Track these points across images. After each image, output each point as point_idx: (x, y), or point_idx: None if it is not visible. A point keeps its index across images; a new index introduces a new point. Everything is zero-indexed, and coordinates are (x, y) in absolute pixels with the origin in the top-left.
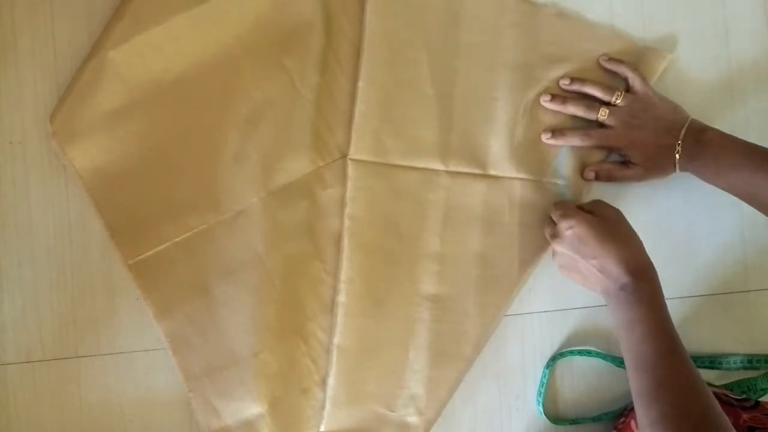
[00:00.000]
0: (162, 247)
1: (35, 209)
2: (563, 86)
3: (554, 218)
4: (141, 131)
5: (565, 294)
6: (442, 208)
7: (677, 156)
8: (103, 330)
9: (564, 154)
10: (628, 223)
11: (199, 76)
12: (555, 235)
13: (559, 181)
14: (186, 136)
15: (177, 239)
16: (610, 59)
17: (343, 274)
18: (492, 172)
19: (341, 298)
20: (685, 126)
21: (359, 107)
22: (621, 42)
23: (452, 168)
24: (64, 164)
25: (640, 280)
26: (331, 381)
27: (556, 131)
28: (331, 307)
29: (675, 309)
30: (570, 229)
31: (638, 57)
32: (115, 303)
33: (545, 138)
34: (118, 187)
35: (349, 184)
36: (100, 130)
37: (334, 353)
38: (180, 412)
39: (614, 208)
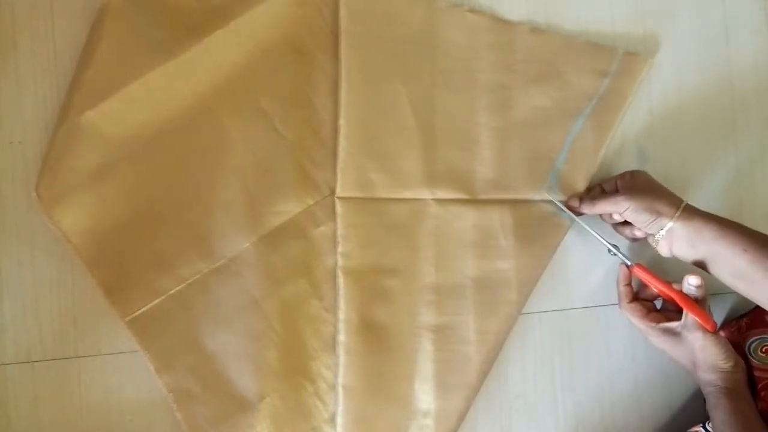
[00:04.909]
0: (157, 301)
1: (35, 209)
2: (576, 208)
3: (633, 322)
4: (126, 187)
5: (565, 294)
6: (434, 237)
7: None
8: (103, 330)
9: (556, 170)
10: (701, 341)
11: (178, 127)
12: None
13: (554, 198)
14: (172, 187)
15: (172, 291)
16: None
17: (341, 314)
18: (480, 196)
19: (341, 337)
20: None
21: (342, 145)
22: (599, 51)
23: (440, 196)
24: (52, 228)
25: (713, 390)
26: (339, 420)
27: (584, 200)
28: (334, 344)
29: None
30: (660, 350)
31: (619, 64)
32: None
33: (575, 206)
34: (107, 245)
35: (339, 222)
36: (85, 190)
37: (341, 393)
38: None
39: (691, 327)
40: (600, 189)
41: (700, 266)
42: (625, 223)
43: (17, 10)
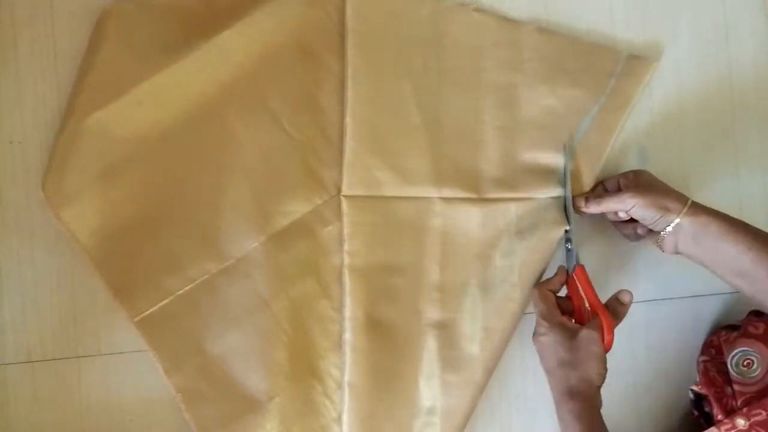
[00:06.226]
0: (166, 301)
1: (35, 209)
2: (582, 208)
3: (536, 308)
4: (134, 188)
5: None
6: (440, 235)
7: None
8: (103, 330)
9: (563, 169)
10: (595, 345)
11: (186, 128)
12: (534, 330)
13: (562, 196)
14: (180, 188)
15: (180, 292)
16: (589, 201)
17: (347, 312)
18: (486, 195)
19: (347, 335)
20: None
21: (348, 143)
22: (606, 53)
23: (446, 194)
24: (61, 228)
25: (576, 402)
26: (345, 418)
27: (590, 199)
28: (341, 343)
29: (681, 307)
30: (541, 335)
31: (623, 66)
32: (115, 303)
33: (581, 205)
34: (116, 245)
35: (345, 221)
36: (92, 190)
37: (346, 391)
38: (180, 412)
39: (594, 327)
40: (603, 188)
41: (703, 264)
42: (629, 221)
43: (17, 10)
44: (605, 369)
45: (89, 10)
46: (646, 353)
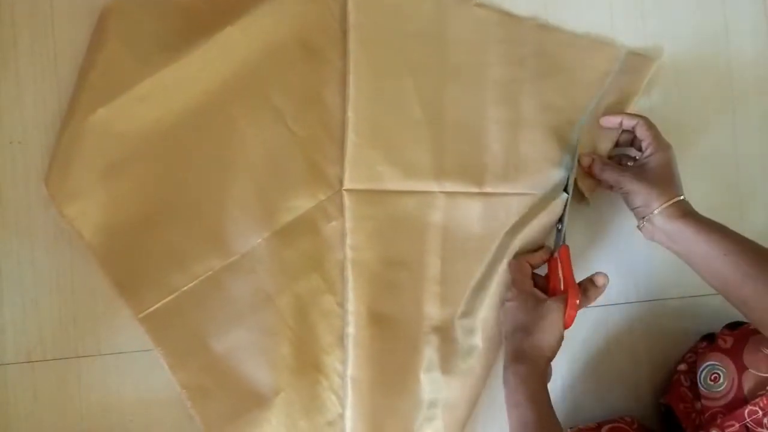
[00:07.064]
0: (170, 297)
1: (35, 209)
2: (586, 166)
3: (510, 273)
4: (138, 184)
5: None
6: (440, 229)
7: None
8: (103, 330)
9: (565, 164)
10: (555, 316)
11: (190, 124)
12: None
13: (561, 194)
14: (184, 184)
15: (184, 288)
16: (612, 116)
17: (350, 306)
18: (488, 189)
19: (350, 329)
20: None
21: (350, 138)
22: (605, 49)
23: (448, 188)
24: (64, 226)
25: (523, 365)
26: (348, 413)
27: (596, 161)
28: (344, 338)
29: (680, 307)
30: (507, 301)
31: (624, 64)
32: (115, 303)
33: (586, 162)
34: (120, 242)
35: (347, 215)
36: (96, 187)
37: (349, 385)
38: (180, 411)
39: (560, 300)
40: (617, 161)
41: (680, 257)
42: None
43: (17, 10)
44: (559, 343)
45: (89, 10)
46: (647, 353)
